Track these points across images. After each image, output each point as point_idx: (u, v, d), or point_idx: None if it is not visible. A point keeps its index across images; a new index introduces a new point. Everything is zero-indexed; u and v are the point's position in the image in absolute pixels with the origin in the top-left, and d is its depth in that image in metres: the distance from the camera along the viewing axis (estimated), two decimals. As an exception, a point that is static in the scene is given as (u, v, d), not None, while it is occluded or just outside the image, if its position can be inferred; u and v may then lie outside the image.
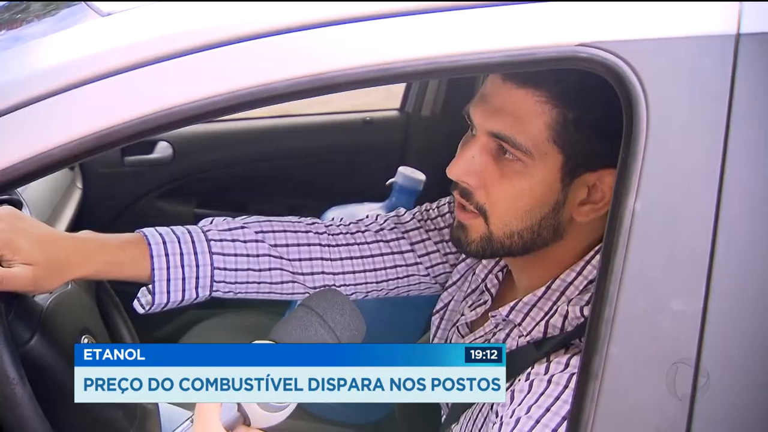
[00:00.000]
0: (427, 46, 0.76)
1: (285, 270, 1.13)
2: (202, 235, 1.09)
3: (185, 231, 1.08)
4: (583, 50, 0.76)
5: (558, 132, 0.91)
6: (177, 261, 1.05)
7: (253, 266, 1.11)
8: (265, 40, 0.76)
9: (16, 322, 0.92)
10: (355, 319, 0.84)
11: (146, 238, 1.05)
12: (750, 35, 0.76)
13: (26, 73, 0.78)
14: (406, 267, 1.18)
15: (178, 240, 1.06)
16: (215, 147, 2.25)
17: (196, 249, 1.07)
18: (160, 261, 1.04)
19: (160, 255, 1.04)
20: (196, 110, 0.75)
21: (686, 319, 0.77)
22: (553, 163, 0.92)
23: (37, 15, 1.05)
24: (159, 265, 1.04)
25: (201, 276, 1.07)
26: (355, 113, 2.39)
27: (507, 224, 0.95)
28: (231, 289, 1.11)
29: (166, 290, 1.05)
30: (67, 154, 0.74)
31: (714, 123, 0.76)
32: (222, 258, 1.09)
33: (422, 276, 1.20)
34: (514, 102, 0.92)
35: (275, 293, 1.15)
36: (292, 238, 1.14)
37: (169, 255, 1.05)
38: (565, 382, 0.87)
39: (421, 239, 1.19)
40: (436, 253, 1.20)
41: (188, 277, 1.06)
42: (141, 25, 0.81)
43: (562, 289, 0.99)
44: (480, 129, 0.95)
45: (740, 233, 0.77)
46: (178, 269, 1.05)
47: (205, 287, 1.08)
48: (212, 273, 1.08)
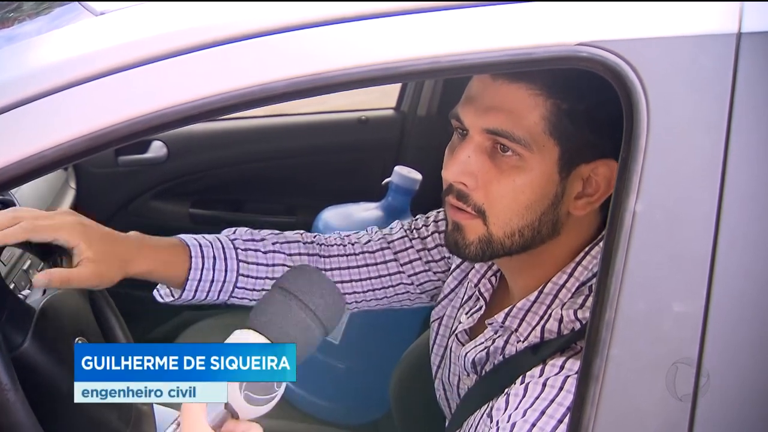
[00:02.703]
0: (426, 46, 0.76)
1: None
2: (230, 243, 1.16)
3: (215, 238, 1.16)
4: (583, 50, 0.75)
5: (553, 123, 0.91)
6: (210, 264, 1.13)
7: (269, 275, 1.17)
8: (262, 39, 0.75)
9: (8, 325, 0.91)
10: (334, 296, 0.82)
11: (184, 241, 1.12)
12: (751, 34, 0.76)
13: (19, 72, 0.77)
14: (390, 276, 1.22)
15: (211, 245, 1.14)
16: (210, 146, 2.24)
17: (226, 255, 1.14)
18: (197, 262, 1.11)
19: (197, 256, 1.12)
20: (192, 110, 0.74)
21: (687, 321, 0.77)
22: (551, 156, 0.92)
23: (30, 14, 1.05)
24: (196, 265, 1.11)
25: (227, 281, 1.14)
26: (351, 112, 2.38)
27: (507, 222, 0.94)
28: (247, 296, 1.18)
29: (194, 289, 1.12)
30: (61, 155, 0.73)
31: (715, 123, 0.76)
32: (246, 266, 1.16)
33: (407, 285, 1.22)
34: (508, 97, 0.91)
35: None
36: (303, 248, 1.21)
37: (205, 258, 1.12)
38: (560, 384, 0.87)
39: (404, 248, 1.22)
40: (418, 261, 1.21)
41: (216, 281, 1.13)
42: (135, 25, 0.81)
43: (555, 292, 0.99)
44: (473, 128, 0.94)
45: (742, 234, 0.77)
46: (210, 272, 1.13)
47: (227, 292, 1.16)
48: (237, 279, 1.15)
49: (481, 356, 1.05)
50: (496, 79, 0.92)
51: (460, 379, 1.12)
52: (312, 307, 0.80)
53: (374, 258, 1.22)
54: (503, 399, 0.91)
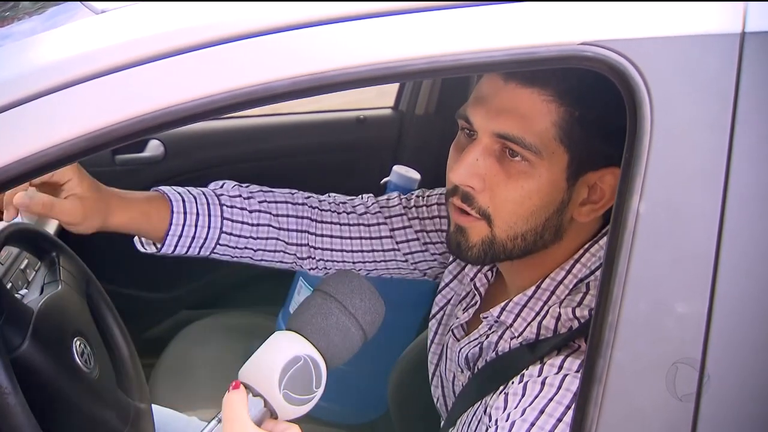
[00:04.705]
0: (428, 45, 0.75)
1: (280, 240, 1.18)
2: (216, 199, 1.13)
3: (200, 193, 1.13)
4: (586, 49, 0.75)
5: (565, 130, 0.90)
6: (192, 220, 1.10)
7: (253, 234, 1.16)
8: (262, 38, 0.75)
9: (7, 326, 0.91)
10: (374, 301, 0.83)
11: (167, 195, 1.10)
12: (755, 34, 0.75)
13: (20, 71, 0.76)
14: (383, 252, 1.21)
15: (195, 200, 1.11)
16: (207, 145, 2.23)
17: (210, 212, 1.12)
18: (178, 218, 1.09)
19: (179, 212, 1.09)
20: (193, 110, 0.74)
21: (689, 321, 0.76)
22: (560, 163, 0.91)
23: (29, 12, 1.04)
24: (177, 221, 1.09)
25: (209, 238, 1.13)
26: (349, 111, 2.37)
27: (512, 226, 0.94)
28: (229, 254, 1.16)
29: (174, 244, 1.11)
30: (62, 154, 0.72)
31: (719, 122, 0.75)
32: (230, 223, 1.14)
33: (400, 261, 1.22)
34: (520, 101, 0.90)
35: (266, 260, 1.20)
36: (291, 209, 1.19)
37: (187, 213, 1.10)
38: (559, 383, 0.87)
39: (401, 226, 1.21)
40: (416, 241, 1.21)
41: (198, 237, 1.12)
42: (136, 23, 0.80)
43: (552, 288, 0.99)
44: (482, 131, 0.93)
45: (745, 234, 0.76)
46: (192, 228, 1.11)
47: (208, 248, 1.14)
48: (219, 236, 1.13)
49: (474, 352, 1.05)
50: (508, 82, 0.91)
51: (455, 376, 1.12)
52: (352, 310, 0.81)
53: (369, 232, 1.21)
54: (502, 398, 0.91)
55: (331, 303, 0.80)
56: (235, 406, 0.75)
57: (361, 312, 0.81)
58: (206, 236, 1.12)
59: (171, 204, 1.09)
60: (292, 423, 0.78)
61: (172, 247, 1.11)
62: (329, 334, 0.79)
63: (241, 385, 0.76)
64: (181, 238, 1.10)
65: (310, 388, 0.78)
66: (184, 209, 1.10)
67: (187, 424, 1.44)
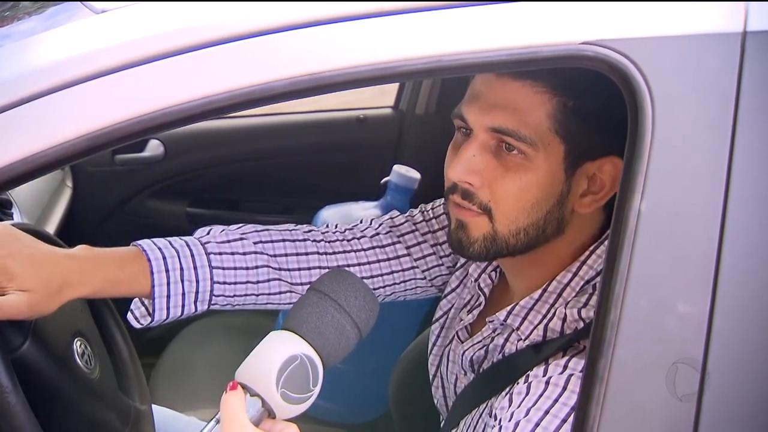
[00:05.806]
0: (428, 45, 0.75)
1: (283, 280, 1.12)
2: (201, 248, 1.06)
3: (184, 244, 1.05)
4: (587, 48, 0.75)
5: (559, 121, 0.90)
6: (177, 276, 1.02)
7: (252, 278, 1.09)
8: (262, 38, 0.75)
9: (8, 327, 0.90)
10: (369, 299, 0.82)
11: (145, 253, 1.01)
12: (756, 33, 0.75)
13: (20, 71, 0.76)
14: (403, 272, 1.18)
15: (178, 254, 1.03)
16: (207, 145, 2.23)
17: (196, 263, 1.04)
18: (160, 277, 1.01)
19: (160, 271, 1.01)
20: (192, 110, 0.74)
21: (690, 320, 0.76)
22: (556, 154, 0.91)
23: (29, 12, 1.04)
24: (159, 281, 1.01)
25: (201, 291, 1.05)
26: (349, 111, 2.37)
27: (513, 221, 0.94)
28: (229, 302, 1.09)
29: (165, 306, 1.02)
30: (62, 154, 0.72)
31: (720, 122, 0.75)
32: (222, 272, 1.06)
33: (419, 280, 1.20)
34: (513, 95, 0.91)
35: (273, 303, 1.13)
36: (290, 247, 1.13)
37: (169, 271, 1.02)
38: (564, 383, 0.87)
39: (416, 242, 1.19)
40: (432, 256, 1.19)
41: (188, 293, 1.03)
42: (136, 23, 0.80)
43: (559, 290, 0.98)
44: (477, 127, 0.93)
45: (747, 233, 0.76)
46: (178, 285, 1.02)
47: (204, 301, 1.06)
48: (212, 287, 1.06)
49: (479, 354, 1.04)
50: (500, 77, 0.92)
51: (458, 378, 1.12)
52: (347, 308, 0.80)
53: (386, 253, 1.17)
54: (506, 398, 0.91)
55: (326, 301, 0.80)
56: (233, 407, 0.74)
57: (356, 310, 0.81)
58: (197, 290, 1.04)
59: (150, 264, 1.01)
60: (290, 422, 0.77)
61: (164, 310, 1.02)
62: (325, 333, 0.79)
63: (238, 385, 0.76)
64: (170, 298, 1.02)
65: (308, 387, 0.78)
66: (165, 267, 1.01)
67: (187, 425, 1.44)
